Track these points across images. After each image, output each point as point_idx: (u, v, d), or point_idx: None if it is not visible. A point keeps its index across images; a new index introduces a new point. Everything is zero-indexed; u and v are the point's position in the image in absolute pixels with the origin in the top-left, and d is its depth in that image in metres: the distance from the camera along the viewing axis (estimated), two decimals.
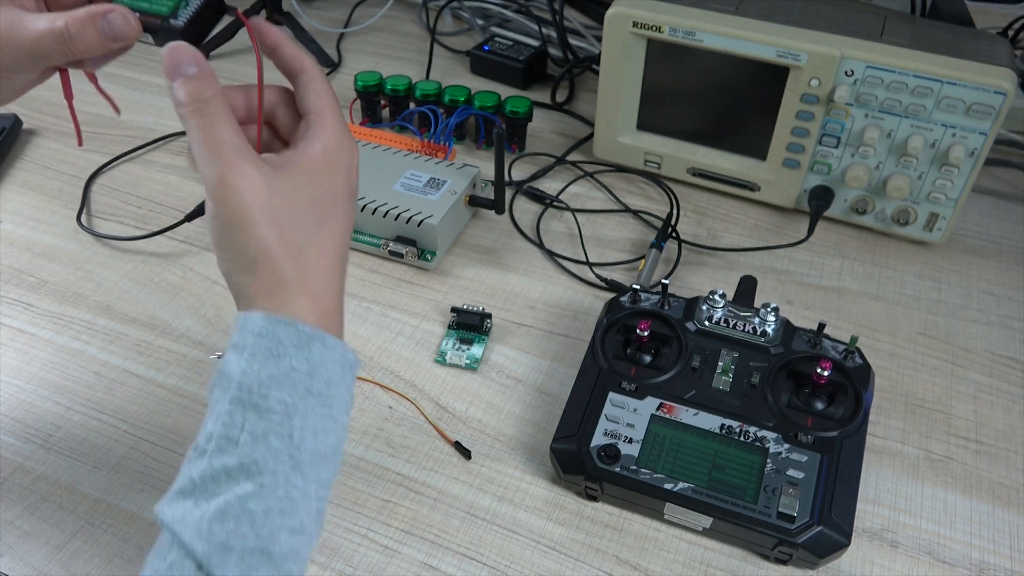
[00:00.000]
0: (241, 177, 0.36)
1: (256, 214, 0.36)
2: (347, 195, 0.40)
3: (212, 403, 0.35)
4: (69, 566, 0.49)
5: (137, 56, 1.00)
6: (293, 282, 0.37)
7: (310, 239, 0.38)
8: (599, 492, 0.52)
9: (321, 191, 0.38)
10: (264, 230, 0.36)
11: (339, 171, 0.39)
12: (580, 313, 0.66)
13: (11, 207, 0.76)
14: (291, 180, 0.37)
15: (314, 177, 0.38)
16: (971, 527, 0.52)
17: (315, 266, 0.38)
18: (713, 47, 0.68)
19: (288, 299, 0.36)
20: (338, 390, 0.37)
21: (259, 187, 0.36)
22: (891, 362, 0.62)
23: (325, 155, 0.39)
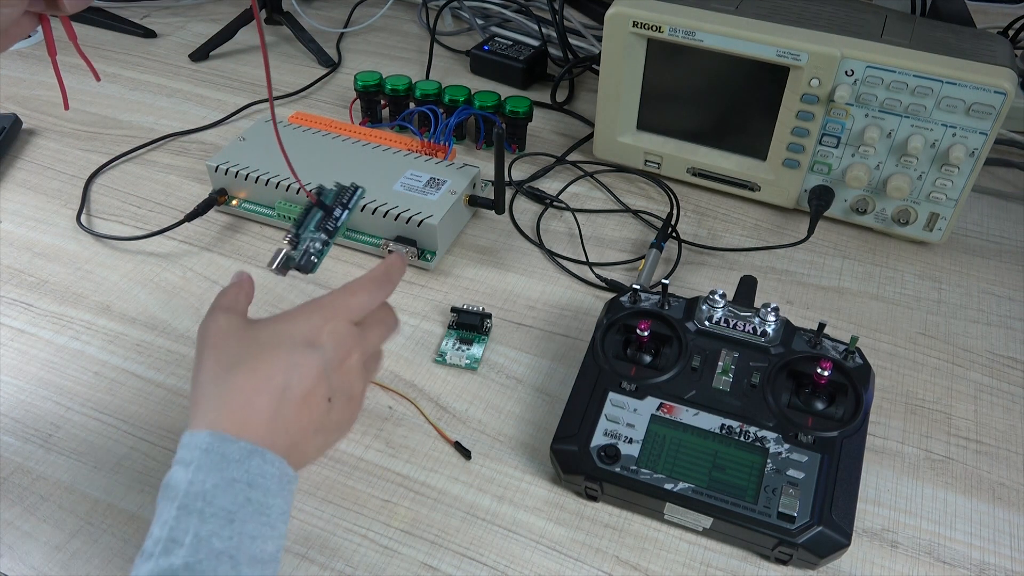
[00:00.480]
0: (212, 320, 0.44)
1: (207, 342, 0.43)
2: (303, 342, 0.43)
3: (158, 512, 0.38)
4: (69, 566, 0.49)
5: (137, 56, 1.00)
6: (212, 396, 0.41)
7: (243, 361, 0.42)
8: (599, 492, 0.52)
9: (269, 334, 0.43)
10: (206, 355, 0.42)
11: (297, 324, 0.44)
12: (580, 313, 0.66)
13: (11, 207, 0.76)
14: (254, 325, 0.44)
15: (276, 323, 0.44)
16: (971, 527, 0.52)
17: (240, 384, 0.41)
18: (713, 47, 0.68)
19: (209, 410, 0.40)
20: (275, 500, 0.39)
21: (221, 327, 0.43)
22: (891, 362, 0.62)
23: (291, 314, 0.45)
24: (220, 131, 0.86)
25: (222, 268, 0.69)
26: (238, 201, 0.74)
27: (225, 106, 0.90)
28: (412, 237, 0.68)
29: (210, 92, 0.93)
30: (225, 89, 0.94)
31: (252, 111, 0.89)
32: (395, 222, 0.68)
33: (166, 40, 1.04)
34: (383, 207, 0.68)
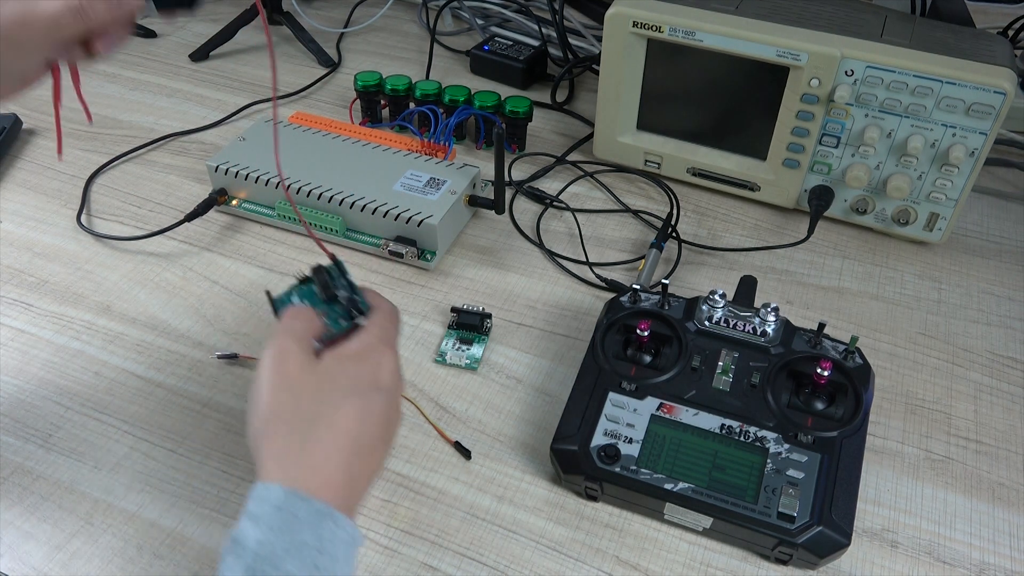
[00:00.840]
0: (284, 353, 0.43)
1: (279, 380, 0.42)
2: (371, 386, 0.44)
3: (224, 568, 0.37)
4: (69, 566, 0.49)
5: (137, 56, 1.00)
6: (296, 450, 0.40)
7: (322, 413, 0.42)
8: (599, 492, 0.52)
9: (345, 377, 0.44)
10: (282, 396, 0.42)
11: (367, 364, 0.45)
12: (580, 313, 0.66)
13: (11, 207, 0.76)
14: (323, 364, 0.44)
15: (343, 365, 0.44)
16: (971, 527, 0.52)
17: (321, 438, 0.41)
18: (713, 47, 0.68)
19: (289, 465, 0.40)
20: (342, 569, 0.39)
21: (294, 363, 0.43)
22: (891, 362, 0.62)
23: (359, 349, 0.45)
24: (220, 131, 0.86)
25: (222, 268, 0.69)
26: (238, 201, 0.74)
27: (225, 106, 0.90)
28: (412, 237, 0.68)
29: (210, 92, 0.93)
30: (225, 89, 0.94)
31: (252, 111, 0.89)
32: (395, 222, 0.68)
33: (166, 40, 1.04)
34: (383, 207, 0.68)
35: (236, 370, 0.61)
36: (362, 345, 0.45)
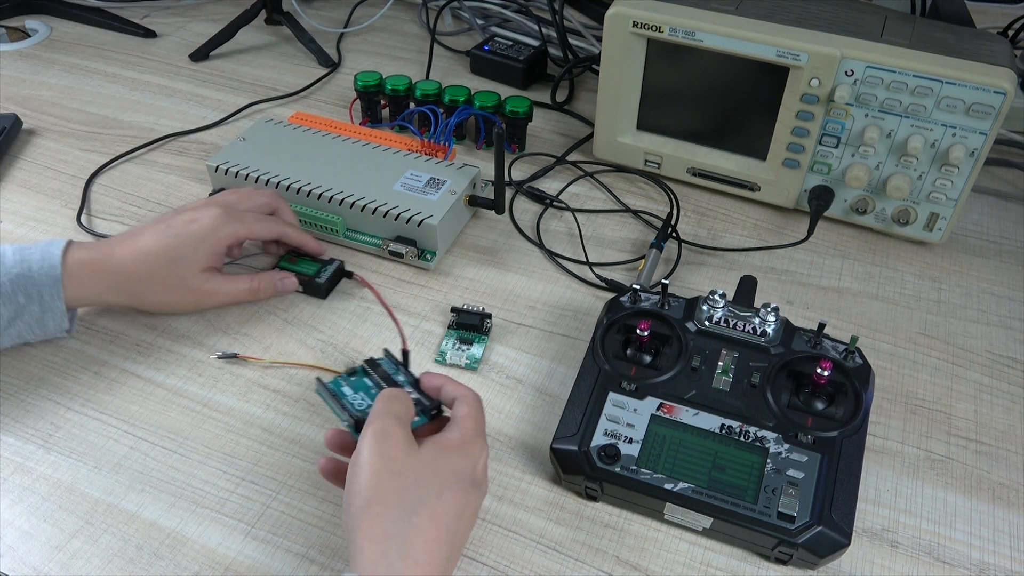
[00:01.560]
0: (388, 436, 0.44)
1: (383, 463, 0.43)
2: (471, 481, 0.45)
3: None
4: (69, 566, 0.49)
5: (137, 56, 1.00)
6: (395, 539, 0.41)
7: (425, 502, 0.43)
8: (599, 492, 0.52)
9: (448, 469, 0.44)
10: (386, 479, 0.42)
11: (468, 458, 0.46)
12: (580, 313, 0.66)
13: (11, 207, 0.76)
14: (425, 452, 0.44)
15: (446, 456, 0.45)
16: (971, 527, 0.52)
17: (423, 529, 0.42)
18: (713, 47, 0.68)
19: (388, 555, 0.40)
20: None
21: (397, 447, 0.43)
22: (891, 362, 0.62)
23: (461, 441, 0.46)
24: (220, 131, 0.86)
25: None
26: None
27: (225, 106, 0.90)
28: (412, 237, 0.68)
29: (210, 92, 0.93)
30: (225, 89, 0.94)
31: (252, 111, 0.89)
32: (395, 222, 0.68)
33: (166, 40, 1.04)
34: (383, 207, 0.68)
35: (236, 370, 0.61)
36: (462, 437, 0.46)
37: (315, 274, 0.65)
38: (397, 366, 0.54)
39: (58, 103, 0.90)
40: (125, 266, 0.58)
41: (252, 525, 0.51)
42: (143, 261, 0.58)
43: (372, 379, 0.52)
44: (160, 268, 0.59)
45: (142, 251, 0.59)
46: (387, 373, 0.53)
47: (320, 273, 0.66)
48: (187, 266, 0.60)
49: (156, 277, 0.59)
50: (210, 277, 0.61)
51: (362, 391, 0.51)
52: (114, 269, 0.58)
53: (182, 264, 0.59)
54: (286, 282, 0.64)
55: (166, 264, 0.59)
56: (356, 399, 0.50)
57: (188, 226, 0.60)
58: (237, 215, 0.62)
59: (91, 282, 0.58)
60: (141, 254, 0.58)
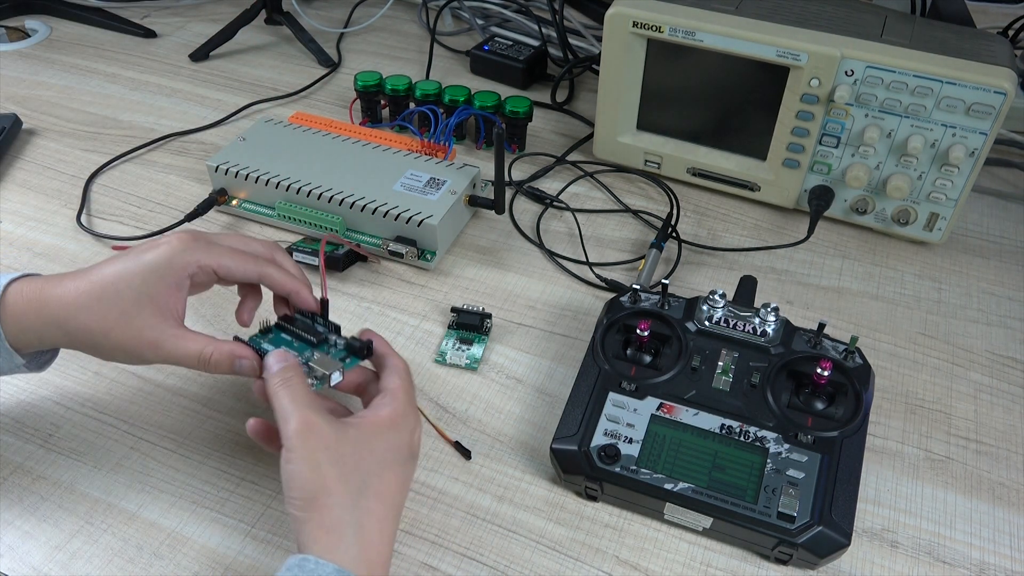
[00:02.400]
0: (313, 426, 0.43)
1: (320, 456, 0.42)
2: (408, 455, 0.46)
3: None
4: (69, 566, 0.49)
5: (137, 56, 1.00)
6: (348, 524, 0.41)
7: (370, 484, 0.43)
8: (599, 492, 0.52)
9: (384, 446, 0.45)
10: (326, 469, 0.42)
11: (402, 433, 0.46)
12: (580, 313, 0.66)
13: (11, 207, 0.76)
14: (358, 433, 0.44)
15: (380, 434, 0.45)
16: (971, 527, 0.52)
17: (371, 511, 0.42)
18: (713, 47, 0.68)
19: (343, 540, 0.41)
20: None
21: (327, 436, 0.43)
22: (891, 362, 0.62)
23: (392, 417, 0.46)
24: (220, 131, 0.86)
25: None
26: (238, 201, 0.74)
27: (225, 106, 0.90)
28: (412, 237, 0.68)
29: (210, 92, 0.93)
30: (225, 89, 0.94)
31: (252, 111, 0.89)
32: (395, 222, 0.68)
33: (166, 40, 1.04)
34: (383, 207, 0.68)
35: None
36: (394, 412, 0.46)
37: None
38: (312, 317, 0.52)
39: (58, 103, 0.90)
40: (65, 299, 0.47)
41: (252, 525, 0.51)
42: (84, 293, 0.47)
43: (291, 333, 0.51)
44: (101, 304, 0.46)
45: (86, 282, 0.47)
46: (306, 324, 0.51)
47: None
48: (133, 303, 0.46)
49: (95, 315, 0.46)
50: (158, 324, 0.47)
51: (284, 346, 0.50)
52: (52, 304, 0.47)
53: (127, 300, 0.46)
54: (243, 363, 0.48)
55: (111, 298, 0.46)
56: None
57: (142, 253, 0.48)
58: (207, 243, 0.50)
59: (27, 320, 0.47)
60: (84, 285, 0.47)
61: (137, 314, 0.46)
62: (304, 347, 0.51)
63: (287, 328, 0.52)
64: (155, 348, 0.47)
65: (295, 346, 0.50)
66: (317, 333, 0.51)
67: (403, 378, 0.48)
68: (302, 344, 0.51)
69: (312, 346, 0.51)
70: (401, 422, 0.46)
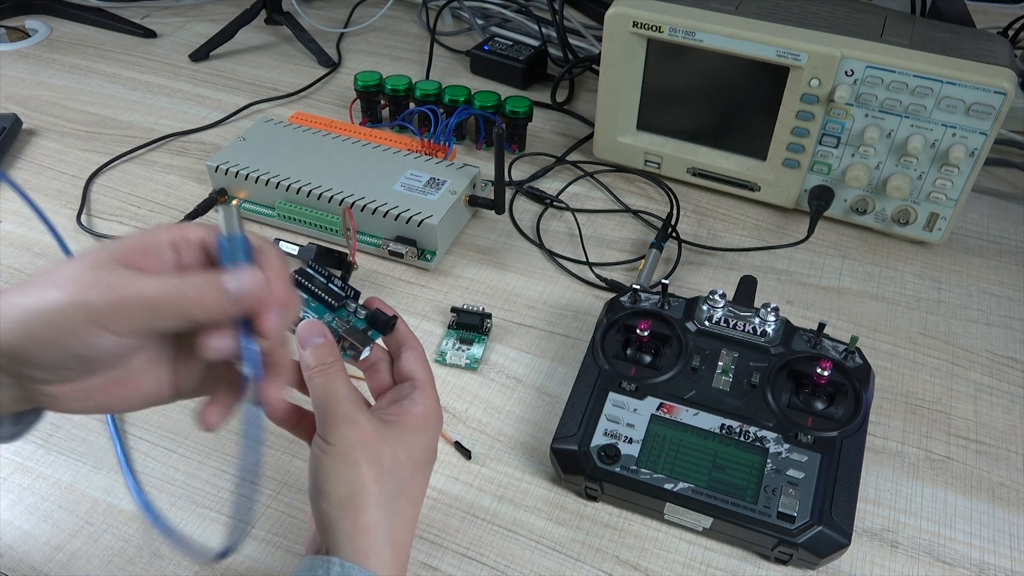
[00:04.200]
0: (354, 423, 0.41)
1: (359, 454, 0.40)
2: (433, 458, 0.45)
3: None
4: (69, 566, 0.49)
5: (137, 56, 1.00)
6: (383, 526, 0.40)
7: (403, 488, 0.42)
8: (599, 492, 0.52)
9: (419, 447, 0.43)
10: (364, 469, 0.40)
11: (432, 432, 0.45)
12: (580, 313, 0.66)
13: (11, 207, 0.76)
14: (395, 433, 0.42)
15: (415, 434, 0.43)
16: (971, 527, 0.52)
17: (403, 514, 0.42)
18: (713, 47, 0.68)
19: (377, 543, 0.40)
20: None
21: (368, 433, 0.41)
22: (891, 362, 0.62)
23: (425, 416, 0.44)
24: (220, 131, 0.86)
25: None
26: (238, 201, 0.74)
27: (225, 106, 0.90)
28: (412, 237, 0.68)
29: (210, 92, 0.93)
30: (225, 89, 0.94)
31: (252, 111, 0.89)
32: (395, 222, 0.68)
33: (166, 40, 1.04)
34: (383, 207, 0.68)
35: None
36: (427, 410, 0.44)
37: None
38: (328, 277, 0.48)
39: (58, 103, 0.90)
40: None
41: (252, 525, 0.51)
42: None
43: (308, 291, 0.47)
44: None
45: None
46: (323, 284, 0.48)
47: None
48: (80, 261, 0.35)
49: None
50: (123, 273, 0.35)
51: (311, 314, 0.47)
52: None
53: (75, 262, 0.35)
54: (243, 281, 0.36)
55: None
56: (305, 314, 0.47)
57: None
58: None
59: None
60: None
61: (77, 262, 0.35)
62: (322, 310, 0.47)
63: (303, 284, 0.47)
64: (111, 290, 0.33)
65: (311, 306, 0.47)
66: (337, 295, 0.47)
67: (428, 368, 0.46)
68: (320, 306, 0.47)
69: (331, 310, 0.47)
70: (433, 420, 0.45)
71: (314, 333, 0.42)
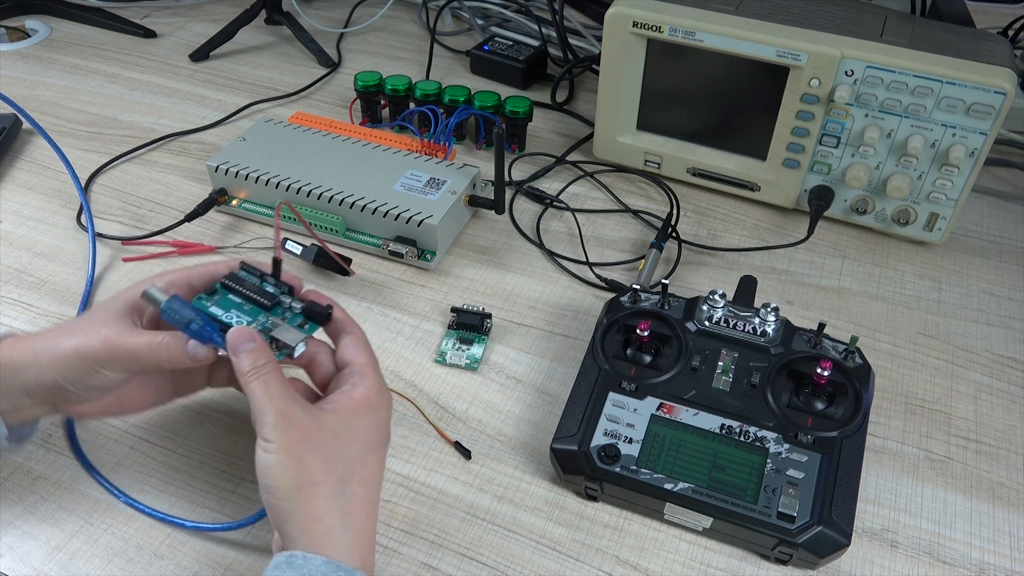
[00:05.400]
0: (291, 419, 0.42)
1: (300, 447, 0.41)
2: (384, 438, 0.46)
3: None
4: (69, 566, 0.49)
5: (137, 56, 1.00)
6: (335, 512, 0.41)
7: (353, 471, 0.43)
8: (599, 492, 0.52)
9: (364, 429, 0.44)
10: (308, 460, 0.41)
11: (378, 414, 0.45)
12: (580, 313, 0.66)
13: (11, 207, 0.76)
14: (337, 419, 0.43)
15: (358, 417, 0.44)
16: (971, 527, 0.52)
17: (357, 497, 0.42)
18: (713, 47, 0.68)
19: (332, 530, 0.41)
20: None
21: (306, 426, 0.42)
22: (891, 362, 0.62)
23: (368, 399, 0.45)
24: (220, 131, 0.86)
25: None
26: (238, 201, 0.74)
27: (225, 106, 0.90)
28: (412, 237, 0.68)
29: (210, 92, 0.93)
30: (225, 89, 0.94)
31: (252, 111, 0.89)
32: (395, 222, 0.68)
33: (166, 40, 1.04)
34: (383, 207, 0.68)
35: None
36: (369, 391, 0.45)
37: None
38: (262, 277, 0.48)
39: (58, 103, 0.90)
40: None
41: (252, 525, 0.51)
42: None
43: (239, 295, 0.47)
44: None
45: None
46: (255, 286, 0.47)
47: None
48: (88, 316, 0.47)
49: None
50: (113, 321, 0.46)
51: (234, 309, 0.47)
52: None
53: (83, 318, 0.47)
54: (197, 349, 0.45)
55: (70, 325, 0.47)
56: (233, 318, 0.46)
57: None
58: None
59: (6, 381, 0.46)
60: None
61: (91, 316, 0.47)
62: (256, 311, 0.47)
63: (235, 288, 0.47)
64: (108, 343, 0.45)
65: (246, 309, 0.47)
66: (269, 295, 0.47)
67: (368, 351, 0.47)
68: (254, 308, 0.47)
69: (265, 310, 0.47)
70: (377, 401, 0.45)
71: (243, 339, 0.44)
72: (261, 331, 0.46)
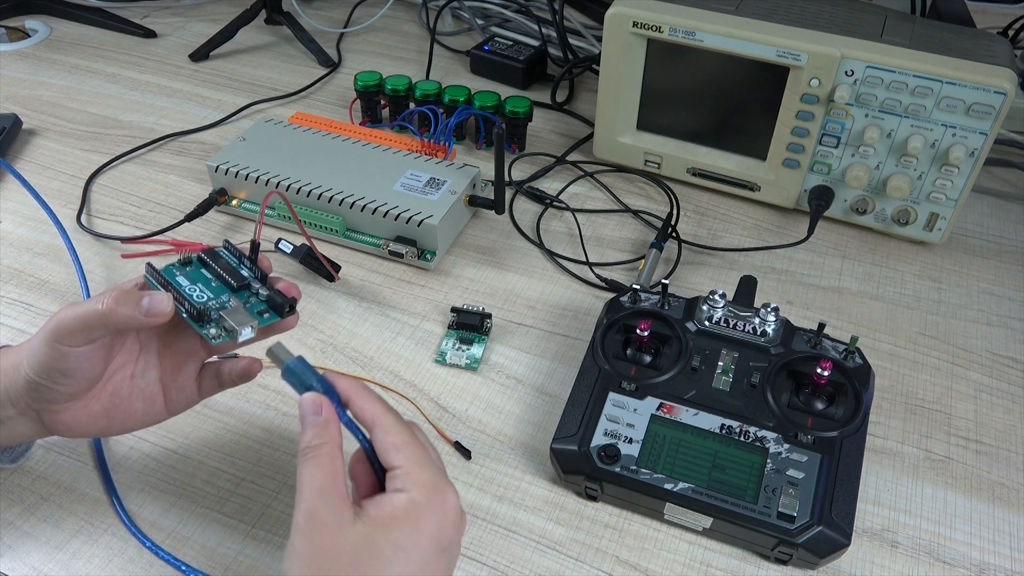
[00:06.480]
0: (316, 517, 0.36)
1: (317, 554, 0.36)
2: (435, 549, 0.37)
3: None
4: (69, 566, 0.49)
5: (137, 56, 1.00)
6: None
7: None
8: (599, 492, 0.52)
9: (393, 548, 0.36)
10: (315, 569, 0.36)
11: (426, 524, 0.37)
12: (580, 313, 0.66)
13: (11, 207, 0.76)
14: (363, 531, 0.36)
15: (388, 530, 0.37)
16: (971, 527, 0.52)
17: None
18: (713, 47, 0.68)
19: None
20: None
21: (328, 529, 0.36)
22: (891, 362, 0.62)
23: (410, 508, 0.37)
24: (220, 131, 0.86)
25: None
26: (238, 201, 0.74)
27: (225, 106, 0.90)
28: (412, 237, 0.68)
29: (210, 92, 0.93)
30: (225, 89, 0.94)
31: (252, 111, 0.89)
32: (395, 222, 0.68)
33: (166, 40, 1.04)
34: (383, 207, 0.68)
35: None
36: (412, 499, 0.37)
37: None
38: (240, 258, 0.48)
39: (58, 103, 0.90)
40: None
41: (252, 525, 0.51)
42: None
43: (211, 270, 0.47)
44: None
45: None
46: (229, 265, 0.47)
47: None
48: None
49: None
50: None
51: (200, 283, 0.46)
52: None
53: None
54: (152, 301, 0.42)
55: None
56: (194, 291, 0.46)
57: None
58: None
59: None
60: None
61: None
62: (222, 289, 0.46)
63: (209, 264, 0.47)
64: (58, 318, 0.42)
65: (212, 286, 0.46)
66: (239, 276, 0.47)
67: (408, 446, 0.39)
68: (220, 286, 0.47)
69: (231, 290, 0.46)
70: (423, 511, 0.37)
71: (311, 409, 0.40)
72: (217, 308, 0.45)
